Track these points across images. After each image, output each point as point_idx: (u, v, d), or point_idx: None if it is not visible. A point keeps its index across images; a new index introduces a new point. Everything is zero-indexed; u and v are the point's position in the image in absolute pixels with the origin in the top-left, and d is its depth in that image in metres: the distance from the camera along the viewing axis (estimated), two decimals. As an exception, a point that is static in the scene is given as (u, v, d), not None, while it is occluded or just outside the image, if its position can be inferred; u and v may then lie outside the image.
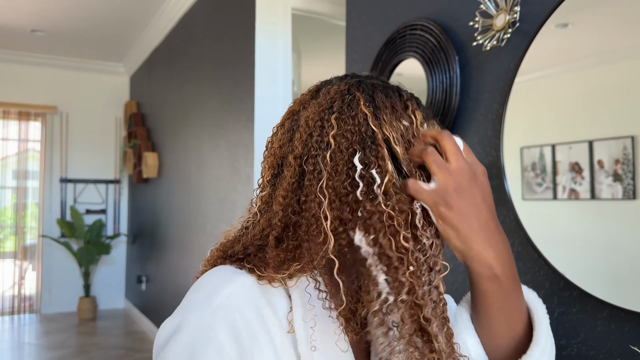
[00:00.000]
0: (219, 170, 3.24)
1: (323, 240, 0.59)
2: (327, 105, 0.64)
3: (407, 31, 1.64)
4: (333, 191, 0.60)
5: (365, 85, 0.66)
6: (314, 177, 0.61)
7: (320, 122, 0.63)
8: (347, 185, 0.60)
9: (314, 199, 0.60)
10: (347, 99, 0.64)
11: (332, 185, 0.60)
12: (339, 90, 0.65)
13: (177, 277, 4.00)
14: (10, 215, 5.80)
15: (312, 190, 0.60)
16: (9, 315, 5.46)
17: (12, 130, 5.58)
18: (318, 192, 0.60)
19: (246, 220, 0.71)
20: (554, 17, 1.17)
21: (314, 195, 0.60)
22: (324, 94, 0.66)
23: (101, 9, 4.16)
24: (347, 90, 0.65)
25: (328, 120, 0.63)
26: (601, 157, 1.08)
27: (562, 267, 1.13)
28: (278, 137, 0.68)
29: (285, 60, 2.84)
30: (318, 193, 0.60)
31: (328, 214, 0.59)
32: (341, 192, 0.60)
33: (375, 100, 0.64)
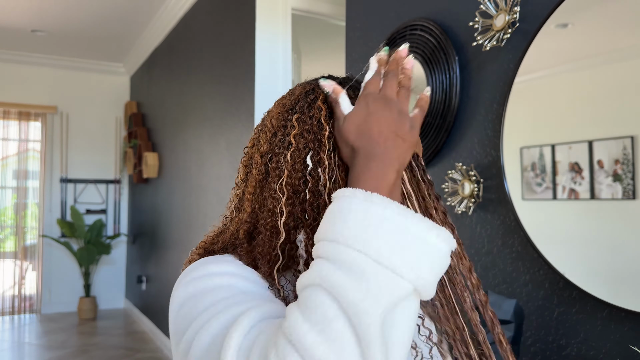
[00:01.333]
0: (219, 170, 3.24)
1: (276, 236, 0.61)
2: (290, 105, 0.66)
3: (407, 31, 1.64)
4: (291, 188, 0.62)
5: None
6: (276, 175, 0.63)
7: (283, 122, 0.65)
8: (301, 183, 0.62)
9: (274, 195, 0.62)
10: (309, 99, 0.65)
11: (290, 183, 0.62)
12: (304, 91, 0.67)
13: (177, 277, 3.99)
14: (10, 215, 5.80)
15: (273, 187, 0.63)
16: (9, 315, 5.46)
17: (12, 130, 5.58)
18: (277, 189, 0.62)
19: (224, 217, 0.72)
20: (554, 17, 1.17)
21: (274, 192, 0.62)
22: (289, 94, 0.68)
23: (102, 9, 4.16)
24: (311, 89, 0.67)
25: (290, 120, 0.64)
26: (601, 157, 1.08)
27: (561, 267, 1.14)
28: (251, 137, 0.71)
29: (285, 60, 2.84)
30: (277, 190, 0.62)
31: (284, 210, 0.61)
32: (297, 190, 0.62)
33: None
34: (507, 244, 1.31)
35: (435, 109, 1.52)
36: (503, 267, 1.32)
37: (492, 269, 1.35)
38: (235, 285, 0.58)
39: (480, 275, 1.40)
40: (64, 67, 5.65)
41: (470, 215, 1.42)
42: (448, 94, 1.48)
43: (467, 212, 1.42)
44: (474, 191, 1.38)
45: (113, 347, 4.30)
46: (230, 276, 0.59)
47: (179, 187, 4.02)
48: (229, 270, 0.60)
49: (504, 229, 1.32)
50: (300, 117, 0.64)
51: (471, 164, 1.43)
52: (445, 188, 1.49)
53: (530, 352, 1.24)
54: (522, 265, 1.27)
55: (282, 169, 0.63)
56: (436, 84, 1.52)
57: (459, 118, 1.47)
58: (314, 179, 0.61)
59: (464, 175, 1.42)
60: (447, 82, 1.48)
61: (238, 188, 0.70)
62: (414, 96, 0.68)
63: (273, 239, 0.62)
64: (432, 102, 1.53)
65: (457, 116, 1.48)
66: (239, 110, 2.95)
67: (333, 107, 0.64)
